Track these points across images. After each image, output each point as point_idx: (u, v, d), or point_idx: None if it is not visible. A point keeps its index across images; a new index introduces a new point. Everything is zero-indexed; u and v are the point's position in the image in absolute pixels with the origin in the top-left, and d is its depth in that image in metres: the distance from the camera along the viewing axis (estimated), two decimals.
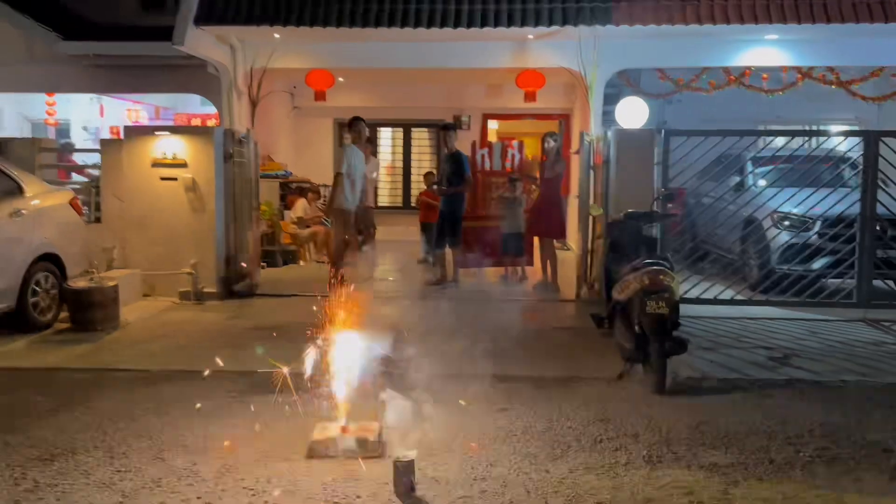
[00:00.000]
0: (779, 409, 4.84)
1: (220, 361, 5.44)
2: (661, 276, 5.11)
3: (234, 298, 8.49)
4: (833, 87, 11.54)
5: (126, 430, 4.40)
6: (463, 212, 9.04)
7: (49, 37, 11.15)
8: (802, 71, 11.42)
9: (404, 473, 3.54)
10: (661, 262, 5.32)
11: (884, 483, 3.75)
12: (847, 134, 8.52)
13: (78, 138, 14.83)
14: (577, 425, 4.51)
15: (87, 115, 14.96)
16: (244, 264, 8.72)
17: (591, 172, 8.55)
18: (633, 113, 8.14)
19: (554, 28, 9.38)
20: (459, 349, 6.00)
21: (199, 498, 3.53)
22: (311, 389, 4.38)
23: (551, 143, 8.80)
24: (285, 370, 4.37)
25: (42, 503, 3.49)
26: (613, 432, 4.40)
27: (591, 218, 8.14)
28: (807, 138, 8.43)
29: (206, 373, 5.23)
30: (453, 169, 8.94)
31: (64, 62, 11.51)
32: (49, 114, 13.98)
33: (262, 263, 9.83)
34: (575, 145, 10.18)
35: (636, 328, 5.15)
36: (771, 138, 9.10)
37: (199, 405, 4.72)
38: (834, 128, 12.04)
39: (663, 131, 7.79)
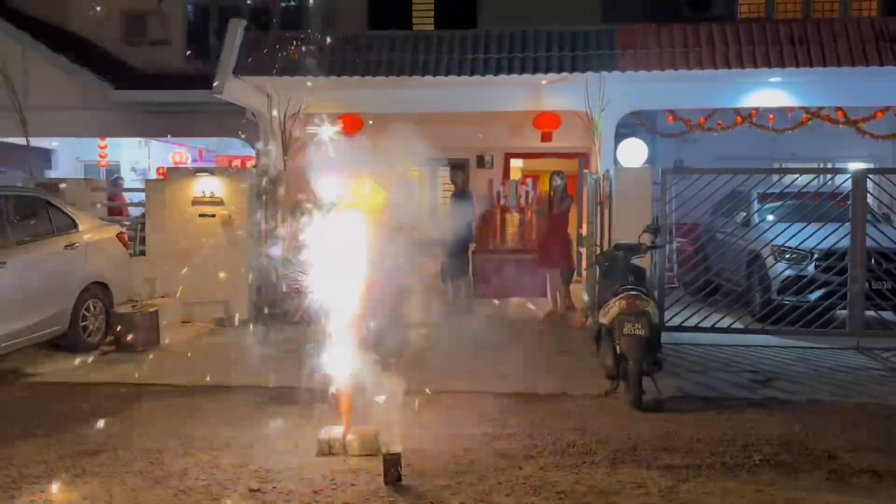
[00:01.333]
0: (745, 423, 5.29)
1: (245, 377, 6.14)
2: (638, 301, 5.64)
3: (264, 325, 9.17)
4: (841, 126, 11.94)
5: (159, 433, 5.06)
6: (469, 245, 9.64)
7: (102, 86, 12.21)
8: (810, 111, 11.87)
9: (392, 465, 4.12)
10: (639, 288, 5.84)
11: (819, 482, 4.21)
12: (835, 171, 8.95)
13: (126, 179, 15.86)
14: (555, 433, 5.04)
15: (136, 157, 16.01)
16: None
17: (598, 208, 9.12)
18: (633, 153, 8.72)
19: (563, 74, 10.07)
20: (463, 368, 6.63)
21: (218, 483, 4.15)
22: (322, 398, 5.02)
23: (558, 181, 9.39)
24: (302, 384, 5.03)
25: (88, 486, 4.16)
26: (586, 439, 4.92)
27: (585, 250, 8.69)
28: (799, 176, 8.82)
29: (234, 386, 5.91)
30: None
31: (115, 108, 12.57)
32: (101, 156, 15.04)
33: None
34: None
35: (616, 348, 5.67)
36: (765, 176, 9.50)
37: (223, 412, 5.38)
38: (833, 165, 12.39)
39: (661, 170, 8.32)
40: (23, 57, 12.51)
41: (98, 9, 14.17)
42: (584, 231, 8.98)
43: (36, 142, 13.85)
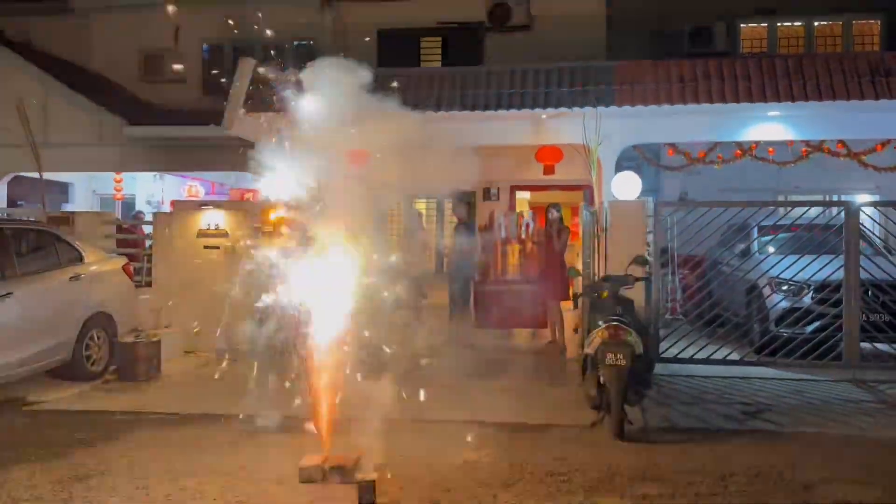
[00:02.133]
0: (726, 454, 5.33)
1: (237, 407, 6.26)
2: (620, 331, 5.72)
3: (261, 355, 9.31)
4: (842, 158, 11.98)
5: (149, 459, 5.20)
6: (471, 276, 9.78)
7: (116, 121, 12.59)
8: (810, 144, 11.93)
9: (365, 492, 4.22)
10: (622, 319, 5.92)
11: None
12: (828, 204, 9.01)
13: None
14: (536, 463, 5.10)
15: (151, 190, 16.38)
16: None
17: (594, 240, 9.22)
18: (627, 186, 8.80)
19: (562, 109, 10.27)
20: (453, 397, 6.71)
21: None
22: (308, 427, 5.13)
23: (554, 214, 9.53)
24: (291, 412, 5.15)
25: None
26: (565, 468, 4.98)
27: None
28: (792, 208, 8.91)
29: (224, 415, 6.03)
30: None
31: (130, 144, 12.94)
32: (116, 189, 15.42)
33: None
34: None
35: (599, 378, 5.75)
36: (758, 208, 9.57)
37: (213, 440, 5.51)
38: (839, 197, 12.41)
39: (653, 203, 8.43)
40: (44, 96, 12.98)
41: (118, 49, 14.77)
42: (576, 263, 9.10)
43: (54, 176, 14.31)
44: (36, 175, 11.19)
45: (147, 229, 13.40)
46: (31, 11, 15.22)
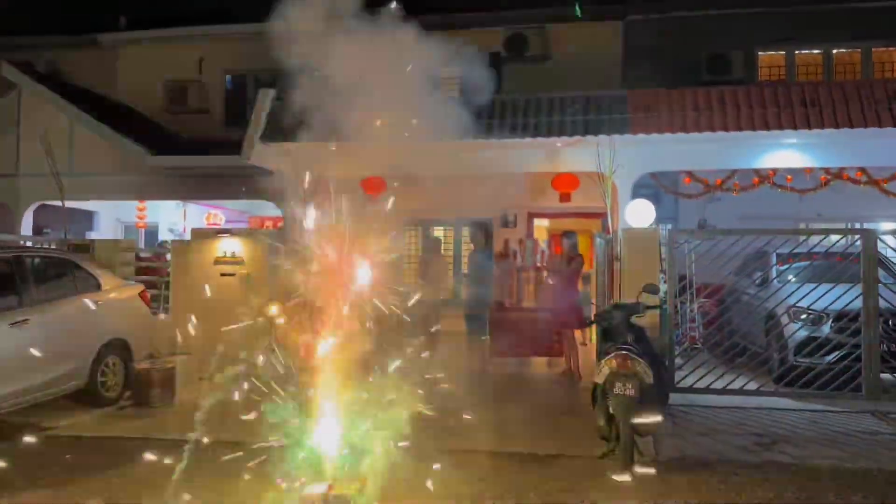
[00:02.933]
0: (738, 487, 5.24)
1: (248, 434, 6.28)
2: (629, 361, 5.67)
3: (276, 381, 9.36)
4: (862, 186, 11.86)
5: (157, 485, 5.22)
6: (487, 302, 9.78)
7: (140, 151, 12.84)
8: (830, 171, 11.84)
9: None
10: (631, 348, 5.88)
11: None
12: (845, 232, 8.90)
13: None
14: (543, 494, 5.06)
15: (173, 218, 16.65)
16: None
17: (607, 268, 9.19)
18: (641, 213, 8.81)
19: (576, 138, 10.31)
20: (464, 426, 6.65)
21: None
22: (315, 455, 5.13)
23: (569, 241, 9.51)
24: (300, 441, 5.15)
25: None
26: (572, 500, 4.93)
27: None
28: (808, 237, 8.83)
29: (234, 442, 6.05)
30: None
31: (152, 173, 13.17)
32: (139, 217, 15.70)
33: None
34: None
35: (608, 409, 5.69)
36: (771, 237, 9.48)
37: (221, 468, 5.53)
38: (861, 224, 12.25)
39: (667, 231, 8.38)
40: (70, 126, 13.30)
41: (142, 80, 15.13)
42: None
43: (79, 204, 14.60)
44: (60, 203, 11.45)
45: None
46: (59, 44, 15.66)
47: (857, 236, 8.24)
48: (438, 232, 15.88)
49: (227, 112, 15.84)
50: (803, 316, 8.78)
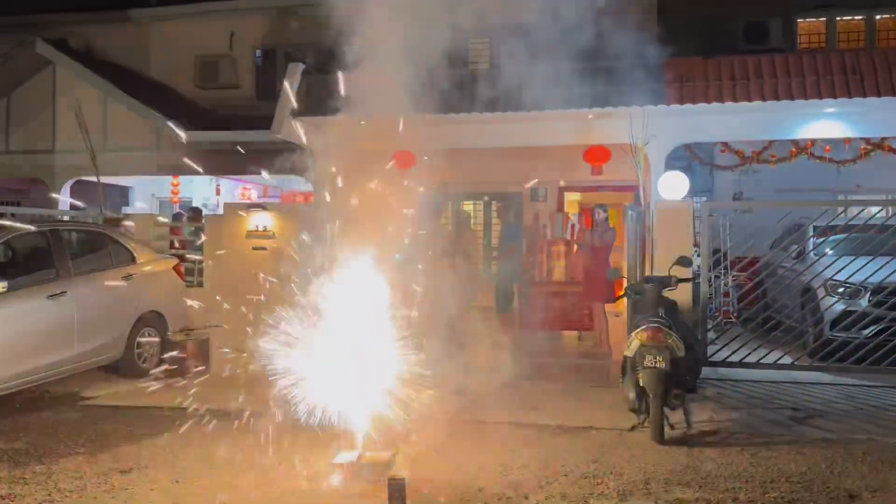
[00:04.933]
0: (769, 460, 5.17)
1: (279, 403, 6.36)
2: (660, 333, 5.61)
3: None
4: None
5: (190, 453, 5.34)
6: (515, 277, 9.75)
7: (173, 127, 12.93)
8: (871, 142, 11.51)
9: (395, 490, 4.23)
10: (661, 320, 5.81)
11: None
12: (887, 204, 8.66)
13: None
14: (571, 465, 5.05)
15: (206, 194, 16.81)
16: None
17: (639, 241, 9.08)
18: (674, 186, 8.66)
19: (608, 109, 10.14)
20: (494, 399, 6.68)
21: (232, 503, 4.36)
22: (347, 424, 5.19)
23: (601, 214, 9.41)
24: (331, 409, 5.20)
25: (115, 500, 4.43)
26: (601, 471, 4.91)
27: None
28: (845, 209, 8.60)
29: (266, 412, 6.13)
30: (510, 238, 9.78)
31: (186, 148, 13.27)
32: (174, 192, 15.87)
33: None
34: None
35: (639, 381, 5.65)
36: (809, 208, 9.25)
37: (253, 436, 5.62)
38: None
39: (699, 203, 8.24)
40: (104, 102, 13.45)
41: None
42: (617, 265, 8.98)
43: (114, 180, 14.81)
44: (95, 179, 11.61)
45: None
46: (92, 21, 15.78)
47: None
48: (468, 206, 15.84)
49: (257, 87, 15.88)
50: (840, 289, 8.61)
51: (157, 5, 15.98)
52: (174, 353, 7.97)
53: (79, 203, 12.55)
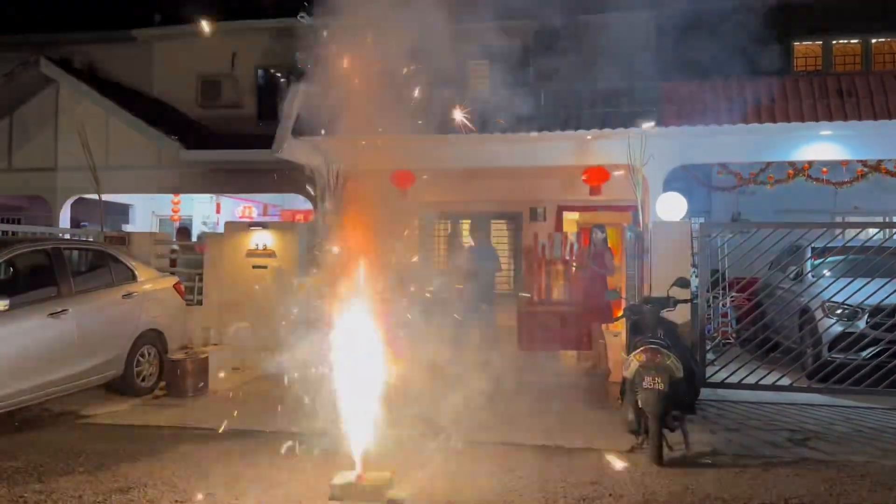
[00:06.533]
0: (768, 482, 5.18)
1: (278, 423, 6.38)
2: (658, 355, 5.64)
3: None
4: None
5: (189, 473, 5.33)
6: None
7: (174, 146, 13.03)
8: (867, 164, 11.61)
9: None
10: (659, 342, 5.84)
11: None
12: (884, 226, 8.71)
13: (197, 232, 16.71)
14: (569, 487, 5.06)
15: (207, 212, 16.88)
16: None
17: (637, 261, 9.13)
18: (671, 207, 8.74)
19: (606, 130, 10.24)
20: (493, 419, 6.70)
21: None
22: (344, 444, 5.19)
23: (598, 235, 9.47)
24: (329, 429, 5.22)
25: None
26: (599, 492, 4.92)
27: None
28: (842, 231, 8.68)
29: (265, 431, 6.15)
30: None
31: (186, 167, 13.36)
32: (174, 210, 15.94)
33: None
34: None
35: (637, 402, 5.67)
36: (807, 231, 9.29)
37: (251, 456, 5.62)
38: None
39: (698, 224, 8.30)
40: (106, 120, 13.54)
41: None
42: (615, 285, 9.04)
43: (115, 198, 14.87)
44: (96, 197, 11.67)
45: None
46: (96, 41, 15.92)
47: (895, 230, 8.09)
48: (466, 224, 15.88)
49: (259, 107, 15.99)
50: (838, 311, 8.64)
51: (161, 25, 16.14)
52: (174, 372, 8.00)
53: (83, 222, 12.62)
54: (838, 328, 8.49)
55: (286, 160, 11.52)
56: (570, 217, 15.83)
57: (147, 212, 16.67)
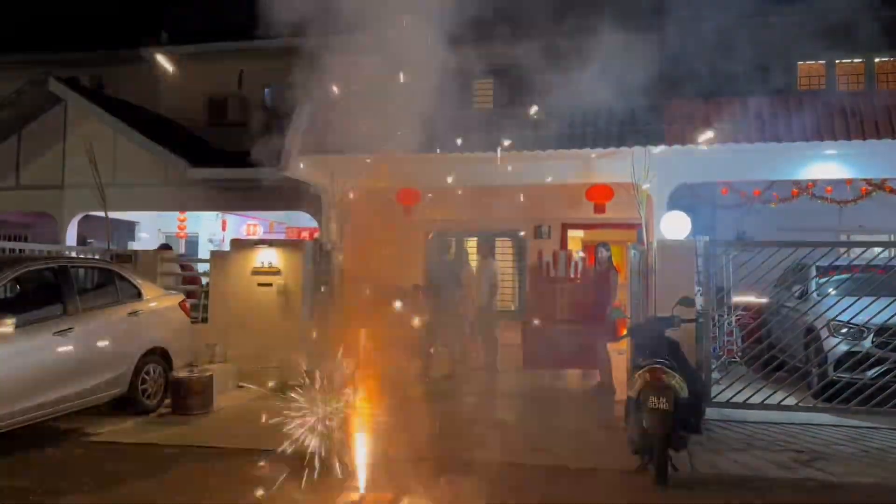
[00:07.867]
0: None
1: (283, 442, 6.38)
2: (663, 374, 5.63)
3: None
4: None
5: (193, 492, 5.34)
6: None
7: (180, 164, 13.11)
8: (871, 182, 11.62)
9: None
10: (664, 361, 5.83)
11: None
12: (889, 245, 8.70)
13: (204, 249, 16.78)
14: None
15: (213, 229, 16.95)
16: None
17: (641, 280, 9.12)
18: (676, 225, 8.75)
19: (610, 149, 10.28)
20: (497, 439, 6.70)
21: None
22: (349, 465, 5.21)
23: (603, 253, 9.48)
24: (334, 450, 5.23)
25: None
26: None
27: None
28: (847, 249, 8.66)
29: (270, 450, 6.14)
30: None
31: (193, 185, 13.44)
32: (180, 228, 16.02)
33: None
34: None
35: (642, 423, 5.65)
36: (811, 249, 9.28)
37: (256, 475, 5.62)
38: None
39: (702, 242, 8.29)
40: (113, 138, 13.64)
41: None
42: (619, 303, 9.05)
43: (121, 215, 14.94)
44: (103, 214, 11.73)
45: (202, 267, 13.84)
46: (103, 60, 16.09)
47: None
48: (471, 243, 15.90)
49: (266, 124, 16.08)
50: (843, 330, 8.62)
51: (169, 44, 16.29)
52: (179, 390, 8.00)
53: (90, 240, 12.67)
54: (844, 347, 8.47)
55: (292, 178, 11.60)
56: (575, 235, 15.87)
57: (153, 229, 16.75)
